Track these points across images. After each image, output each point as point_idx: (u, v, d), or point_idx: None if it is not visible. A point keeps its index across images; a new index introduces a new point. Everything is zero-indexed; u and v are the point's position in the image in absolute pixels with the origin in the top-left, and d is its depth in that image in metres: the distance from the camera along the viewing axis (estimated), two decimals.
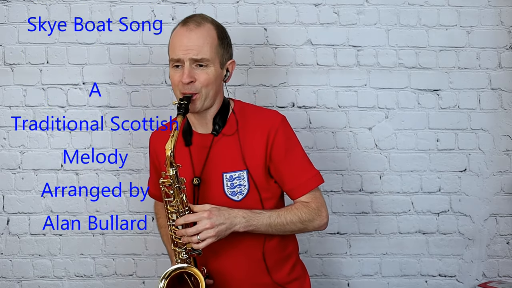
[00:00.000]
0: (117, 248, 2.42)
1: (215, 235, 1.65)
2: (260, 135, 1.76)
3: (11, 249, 2.40)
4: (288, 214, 1.74)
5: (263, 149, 1.75)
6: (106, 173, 2.41)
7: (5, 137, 2.39)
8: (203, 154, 1.79)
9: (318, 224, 1.78)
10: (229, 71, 1.81)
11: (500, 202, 2.46)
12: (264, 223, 1.71)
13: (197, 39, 1.70)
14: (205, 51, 1.70)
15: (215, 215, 1.65)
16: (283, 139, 1.77)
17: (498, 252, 2.47)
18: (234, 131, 1.79)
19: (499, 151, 2.46)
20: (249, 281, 1.79)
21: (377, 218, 2.45)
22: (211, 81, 1.72)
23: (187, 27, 1.72)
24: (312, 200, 1.78)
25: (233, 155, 1.77)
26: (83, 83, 2.41)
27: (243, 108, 1.86)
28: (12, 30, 2.39)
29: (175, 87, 1.74)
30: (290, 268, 1.84)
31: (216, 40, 1.74)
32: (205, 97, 1.73)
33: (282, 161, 1.77)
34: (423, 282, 2.46)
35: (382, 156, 2.44)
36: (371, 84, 2.44)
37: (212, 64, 1.72)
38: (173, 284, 1.69)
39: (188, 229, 1.65)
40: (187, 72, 1.69)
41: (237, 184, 1.76)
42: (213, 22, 1.78)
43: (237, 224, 1.68)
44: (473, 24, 2.44)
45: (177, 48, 1.71)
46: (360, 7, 2.43)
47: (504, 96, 2.46)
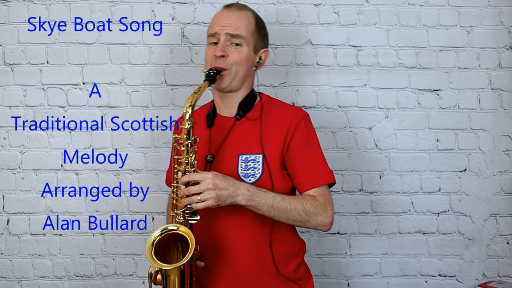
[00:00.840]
0: (117, 248, 2.42)
1: (216, 197, 1.61)
2: (281, 125, 1.78)
3: (11, 249, 2.40)
4: (293, 201, 1.71)
5: (282, 139, 1.77)
6: (106, 173, 2.41)
7: (5, 137, 2.40)
8: (222, 135, 1.81)
9: (322, 220, 1.73)
10: (261, 59, 1.85)
11: (500, 202, 2.46)
12: (267, 203, 1.68)
13: (236, 19, 1.78)
14: (241, 30, 1.77)
15: (220, 179, 1.63)
16: (303, 133, 1.78)
17: (498, 252, 2.47)
18: (257, 116, 1.82)
19: (499, 151, 2.46)
20: (255, 267, 1.76)
21: (377, 218, 2.45)
22: (243, 60, 1.77)
23: (228, 8, 1.82)
24: (320, 195, 1.75)
25: (252, 138, 1.78)
26: (83, 83, 2.41)
27: (270, 100, 1.90)
28: (12, 30, 2.39)
29: (207, 63, 1.79)
30: (296, 266, 1.82)
31: (253, 25, 1.81)
32: (234, 75, 1.77)
33: (298, 153, 1.77)
34: (423, 282, 2.46)
35: (382, 156, 2.45)
36: (371, 84, 2.44)
37: (246, 44, 1.78)
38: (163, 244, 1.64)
39: (190, 187, 1.62)
40: (220, 46, 1.75)
41: (251, 167, 1.76)
42: (254, 12, 1.87)
43: (240, 195, 1.65)
44: (473, 24, 2.44)
45: (216, 24, 1.79)
46: (360, 7, 2.43)
47: (504, 96, 2.46)
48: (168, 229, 1.64)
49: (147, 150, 2.42)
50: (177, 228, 1.63)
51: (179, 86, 2.41)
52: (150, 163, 2.41)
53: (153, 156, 2.41)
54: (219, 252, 1.75)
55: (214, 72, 1.71)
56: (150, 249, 1.60)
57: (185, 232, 1.62)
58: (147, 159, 2.41)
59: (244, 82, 1.82)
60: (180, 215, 1.66)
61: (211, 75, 1.71)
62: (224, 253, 1.75)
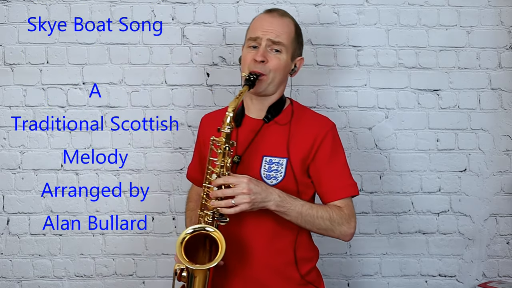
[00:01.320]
0: (117, 248, 2.42)
1: (250, 202, 1.64)
2: (310, 133, 1.81)
3: (11, 249, 2.40)
4: (320, 209, 1.75)
5: (308, 147, 1.79)
6: (106, 173, 2.41)
7: (5, 137, 2.39)
8: (250, 136, 1.83)
9: (345, 231, 1.77)
10: (296, 67, 1.90)
11: (500, 202, 2.46)
12: (296, 209, 1.71)
13: (278, 25, 1.81)
14: (282, 37, 1.80)
15: (254, 183, 1.66)
16: (330, 143, 1.81)
17: (498, 252, 2.47)
18: (287, 121, 1.85)
19: (499, 151, 2.46)
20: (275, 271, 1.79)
21: (377, 218, 2.45)
22: (281, 67, 1.81)
23: (271, 14, 1.84)
24: (345, 206, 1.79)
25: (278, 142, 1.81)
26: (83, 83, 2.41)
27: (301, 107, 1.93)
28: (12, 30, 2.39)
29: (245, 66, 1.81)
30: (309, 269, 1.85)
31: (293, 33, 1.85)
32: (270, 81, 1.80)
33: (325, 163, 1.80)
34: (423, 282, 2.46)
35: (382, 156, 2.45)
36: (371, 84, 2.44)
37: (285, 51, 1.81)
38: (192, 242, 1.67)
39: (225, 190, 1.65)
40: (261, 51, 1.78)
41: (274, 169, 1.79)
42: (294, 19, 1.90)
43: (271, 200, 1.68)
44: (473, 24, 2.44)
45: (258, 28, 1.81)
46: (360, 7, 2.43)
47: (504, 96, 2.46)
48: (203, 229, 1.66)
49: (147, 150, 2.42)
50: (213, 231, 1.65)
51: (179, 86, 2.41)
52: (150, 163, 2.41)
53: (153, 156, 2.41)
54: (239, 253, 1.77)
55: (254, 77, 1.74)
56: (180, 246, 1.63)
57: (218, 237, 1.64)
58: (147, 159, 2.41)
59: (279, 87, 1.86)
60: (209, 215, 1.68)
61: (251, 80, 1.74)
62: (243, 254, 1.78)
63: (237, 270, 1.78)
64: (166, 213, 2.41)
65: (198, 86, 2.42)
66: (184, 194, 2.41)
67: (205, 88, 2.42)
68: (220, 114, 1.94)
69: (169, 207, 2.41)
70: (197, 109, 2.41)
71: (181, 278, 1.69)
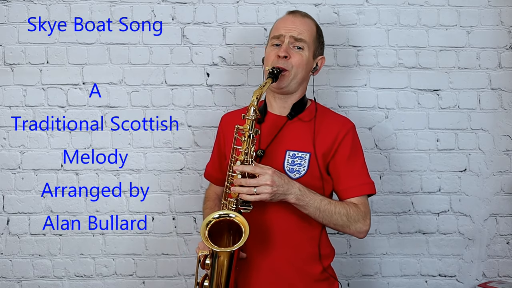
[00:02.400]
0: (117, 248, 2.42)
1: (271, 193, 1.68)
2: (331, 131, 1.86)
3: (11, 249, 2.40)
4: (338, 205, 1.80)
5: (329, 144, 1.84)
6: (106, 173, 2.41)
7: (5, 137, 2.39)
8: (273, 132, 1.87)
9: (360, 228, 1.82)
10: (318, 65, 1.95)
11: (500, 202, 2.46)
12: (315, 204, 1.76)
13: (300, 24, 1.88)
14: (304, 34, 1.86)
15: (278, 175, 1.70)
16: (350, 141, 1.87)
17: (498, 252, 2.47)
18: (311, 118, 1.90)
19: (499, 151, 2.46)
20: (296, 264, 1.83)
21: (377, 218, 2.45)
22: (303, 63, 1.86)
23: (293, 14, 1.92)
24: (361, 204, 1.84)
25: (303, 137, 1.86)
26: (83, 83, 2.41)
27: (322, 106, 2.00)
28: (12, 30, 2.39)
29: (268, 62, 1.86)
30: (328, 265, 1.91)
31: (315, 32, 1.92)
32: (293, 77, 1.85)
33: (344, 161, 1.85)
34: (423, 282, 2.46)
35: (382, 156, 2.45)
36: (371, 84, 2.44)
37: (307, 49, 1.87)
38: (216, 228, 1.71)
39: (249, 179, 1.69)
40: (284, 47, 1.84)
41: (297, 163, 1.83)
42: (315, 21, 1.97)
43: (292, 193, 1.73)
44: (473, 24, 2.44)
45: (281, 27, 1.88)
46: (360, 7, 2.43)
47: (504, 96, 2.46)
48: (228, 215, 1.70)
49: (147, 150, 2.42)
50: (235, 216, 1.69)
51: (179, 86, 2.41)
52: (150, 163, 2.41)
53: (153, 156, 2.41)
54: (260, 244, 1.80)
55: (278, 70, 1.80)
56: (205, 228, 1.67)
57: (241, 221, 1.68)
58: (147, 159, 2.41)
59: (301, 85, 1.91)
60: (233, 202, 1.72)
61: (274, 73, 1.79)
62: (264, 245, 1.81)
63: (256, 261, 1.81)
64: (166, 213, 2.41)
65: (198, 86, 2.42)
66: (185, 194, 2.41)
67: (205, 88, 2.42)
68: (239, 113, 1.97)
69: (169, 207, 2.41)
70: (197, 109, 2.41)
71: (205, 266, 1.72)
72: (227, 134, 1.97)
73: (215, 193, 2.12)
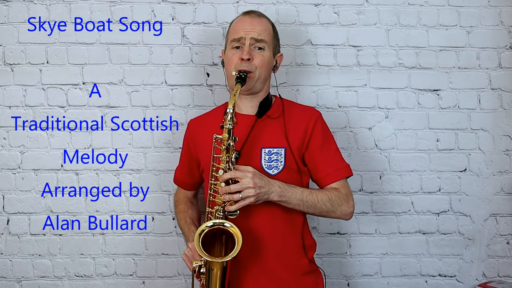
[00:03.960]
0: (117, 248, 2.42)
1: (255, 195, 1.73)
2: (300, 123, 1.91)
3: (11, 249, 2.40)
4: (319, 193, 1.85)
5: (301, 136, 1.90)
6: (106, 173, 2.41)
7: (5, 137, 2.39)
8: (245, 132, 1.90)
9: (345, 210, 1.88)
10: (277, 63, 2.02)
11: (500, 202, 2.46)
12: (297, 197, 1.81)
13: (258, 24, 1.93)
14: (264, 35, 1.92)
15: (258, 177, 1.75)
16: (320, 130, 1.93)
17: (498, 252, 2.47)
18: (279, 114, 1.95)
19: (499, 151, 2.46)
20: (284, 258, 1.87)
21: (377, 218, 2.45)
22: (265, 63, 1.92)
23: (249, 15, 1.96)
24: (341, 187, 1.90)
25: (275, 133, 1.90)
26: (83, 83, 2.41)
27: (287, 100, 2.06)
28: (12, 30, 2.39)
29: (230, 66, 1.91)
30: (312, 256, 1.95)
31: (272, 31, 1.98)
32: (257, 77, 1.91)
33: (318, 150, 1.91)
34: (423, 282, 2.46)
35: (382, 156, 2.45)
36: (371, 84, 2.44)
37: (268, 48, 1.93)
38: (209, 237, 1.74)
39: (232, 185, 1.72)
40: (247, 50, 1.88)
41: (274, 159, 1.87)
42: (269, 19, 2.02)
43: (273, 192, 1.77)
44: (473, 24, 2.44)
45: (240, 29, 1.92)
46: (360, 7, 2.43)
47: (504, 96, 2.46)
48: (222, 224, 1.73)
49: (147, 150, 2.42)
50: (230, 226, 1.72)
51: (179, 86, 2.41)
52: (150, 163, 2.41)
53: (153, 156, 2.41)
54: (249, 244, 1.82)
55: (245, 74, 1.84)
56: (198, 239, 1.70)
57: (235, 232, 1.70)
58: (147, 159, 2.41)
59: (265, 83, 1.97)
60: (219, 210, 1.75)
61: (242, 77, 1.83)
62: (253, 244, 1.84)
63: (247, 260, 1.83)
64: (166, 213, 2.41)
65: (198, 86, 2.42)
66: None
67: (205, 88, 2.42)
68: (206, 118, 2.07)
69: (169, 207, 2.41)
70: (197, 109, 2.41)
71: (200, 275, 1.75)
72: (198, 139, 2.02)
73: (186, 197, 2.19)
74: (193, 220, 2.11)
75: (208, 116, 2.12)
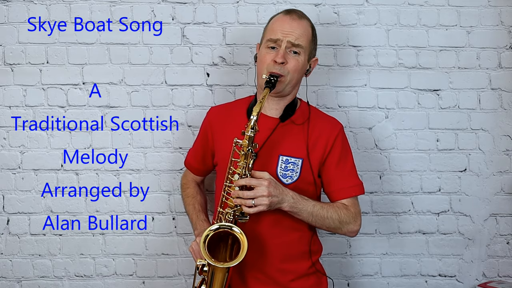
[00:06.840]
0: (117, 248, 2.42)
1: (268, 204, 1.71)
2: (323, 135, 1.89)
3: (11, 249, 2.40)
4: (330, 209, 1.84)
5: (322, 148, 1.88)
6: (106, 173, 2.41)
7: (5, 137, 2.39)
8: (265, 134, 1.87)
9: (352, 229, 1.88)
10: (311, 67, 1.96)
11: (500, 202, 2.46)
12: (308, 210, 1.79)
13: (297, 27, 1.86)
14: (302, 39, 1.85)
15: (273, 186, 1.73)
16: (340, 144, 1.91)
17: (498, 252, 2.47)
18: (304, 120, 1.91)
19: (499, 151, 2.46)
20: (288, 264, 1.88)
21: (377, 218, 2.45)
22: (299, 68, 1.86)
23: (290, 15, 1.89)
24: (351, 205, 1.89)
25: (296, 142, 1.87)
26: (83, 83, 2.41)
27: (312, 107, 2.02)
28: (12, 30, 2.39)
29: (263, 66, 1.85)
30: (316, 261, 1.95)
31: (311, 35, 1.91)
32: (288, 81, 1.86)
33: (335, 164, 1.89)
34: (423, 282, 2.46)
35: (382, 156, 2.45)
36: (371, 84, 2.44)
37: (303, 53, 1.87)
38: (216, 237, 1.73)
39: (246, 192, 1.71)
40: (282, 53, 1.82)
41: (290, 169, 1.85)
42: (310, 21, 1.95)
43: (286, 202, 1.76)
44: (473, 24, 2.44)
45: (278, 30, 1.86)
46: (360, 7, 2.43)
47: (504, 96, 2.46)
48: (230, 228, 1.72)
49: (147, 150, 2.42)
50: (239, 232, 1.71)
51: (179, 86, 2.41)
52: (150, 163, 2.41)
53: (153, 156, 2.41)
54: (254, 247, 1.81)
55: (275, 79, 1.78)
56: (203, 242, 1.70)
57: (241, 238, 1.70)
58: (147, 159, 2.41)
59: (294, 88, 1.92)
60: (230, 213, 1.74)
61: (271, 82, 1.78)
62: (259, 248, 1.84)
63: (251, 264, 1.83)
64: (166, 213, 2.41)
65: (198, 86, 2.42)
66: None
67: (205, 88, 2.42)
68: (228, 108, 2.03)
69: (169, 207, 2.41)
70: (197, 109, 2.41)
71: (203, 272, 1.75)
72: (216, 129, 1.98)
73: (194, 181, 2.17)
74: (201, 207, 2.09)
75: (230, 107, 2.07)
